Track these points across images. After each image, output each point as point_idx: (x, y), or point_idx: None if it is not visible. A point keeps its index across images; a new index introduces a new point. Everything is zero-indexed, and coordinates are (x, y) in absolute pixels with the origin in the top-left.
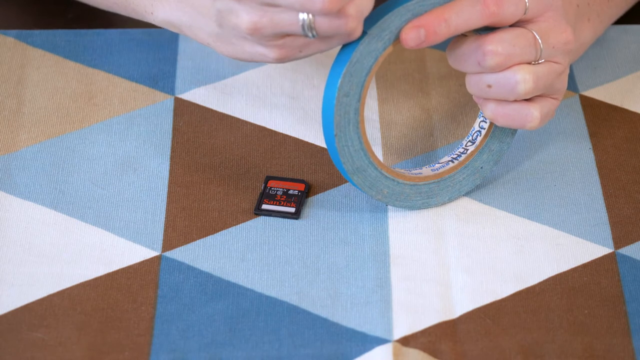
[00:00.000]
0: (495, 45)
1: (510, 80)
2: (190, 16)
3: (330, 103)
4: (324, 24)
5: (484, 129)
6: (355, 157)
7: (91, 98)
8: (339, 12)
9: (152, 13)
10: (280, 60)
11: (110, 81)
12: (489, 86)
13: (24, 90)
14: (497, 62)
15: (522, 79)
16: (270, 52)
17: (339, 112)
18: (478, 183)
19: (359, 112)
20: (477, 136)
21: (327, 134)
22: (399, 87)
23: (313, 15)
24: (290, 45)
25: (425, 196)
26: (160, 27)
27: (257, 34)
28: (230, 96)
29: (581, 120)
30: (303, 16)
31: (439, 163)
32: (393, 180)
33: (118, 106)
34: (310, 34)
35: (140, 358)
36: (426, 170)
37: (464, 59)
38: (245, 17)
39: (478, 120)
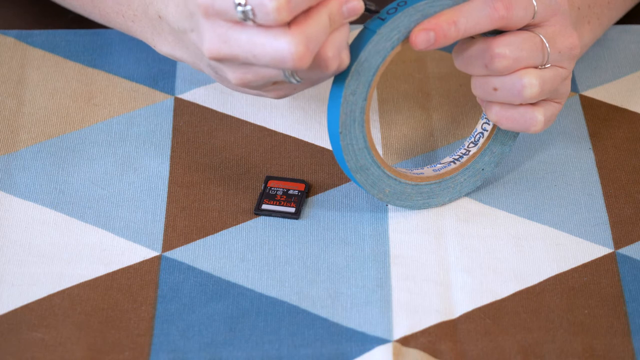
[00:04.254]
0: (503, 49)
1: (516, 84)
2: (190, 56)
3: (336, 101)
4: (305, 73)
5: (487, 130)
6: (359, 156)
7: (91, 98)
8: (317, 59)
9: (154, 46)
10: (280, 97)
11: (110, 81)
12: (495, 89)
13: (24, 90)
14: (505, 65)
15: (529, 83)
16: (268, 94)
17: (345, 111)
18: (479, 185)
19: (364, 111)
20: (479, 138)
21: (332, 132)
22: (399, 87)
23: None
24: (283, 87)
25: (426, 196)
26: None
27: (248, 87)
28: (230, 96)
29: (581, 120)
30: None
31: (440, 164)
32: (395, 179)
33: (118, 106)
34: (294, 81)
35: (140, 358)
36: (428, 171)
37: (471, 61)
38: (232, 75)
39: (481, 121)
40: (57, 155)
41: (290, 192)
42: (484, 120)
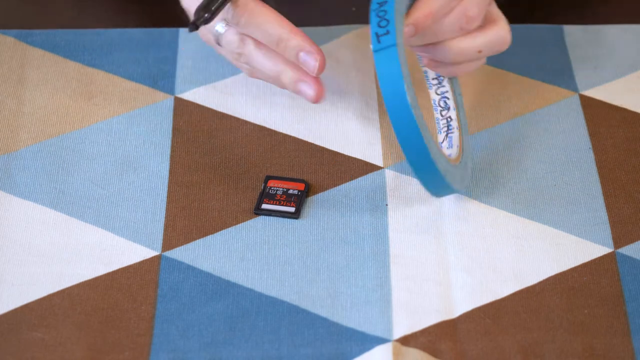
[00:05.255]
0: (473, 9)
1: (501, 39)
2: None
3: (408, 114)
4: None
5: (445, 87)
6: (437, 157)
7: (91, 98)
8: None
9: None
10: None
11: (110, 81)
12: (480, 51)
13: (24, 90)
14: (478, 23)
15: (507, 32)
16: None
17: (421, 124)
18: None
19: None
20: (445, 100)
21: (418, 147)
22: None
23: None
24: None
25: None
26: (160, 27)
27: None
28: (230, 96)
29: (581, 120)
30: None
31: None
32: (453, 166)
33: (118, 106)
34: None
35: (140, 358)
36: (445, 152)
37: (442, 28)
38: None
39: (432, 89)
40: (57, 155)
41: (290, 191)
42: (435, 85)
